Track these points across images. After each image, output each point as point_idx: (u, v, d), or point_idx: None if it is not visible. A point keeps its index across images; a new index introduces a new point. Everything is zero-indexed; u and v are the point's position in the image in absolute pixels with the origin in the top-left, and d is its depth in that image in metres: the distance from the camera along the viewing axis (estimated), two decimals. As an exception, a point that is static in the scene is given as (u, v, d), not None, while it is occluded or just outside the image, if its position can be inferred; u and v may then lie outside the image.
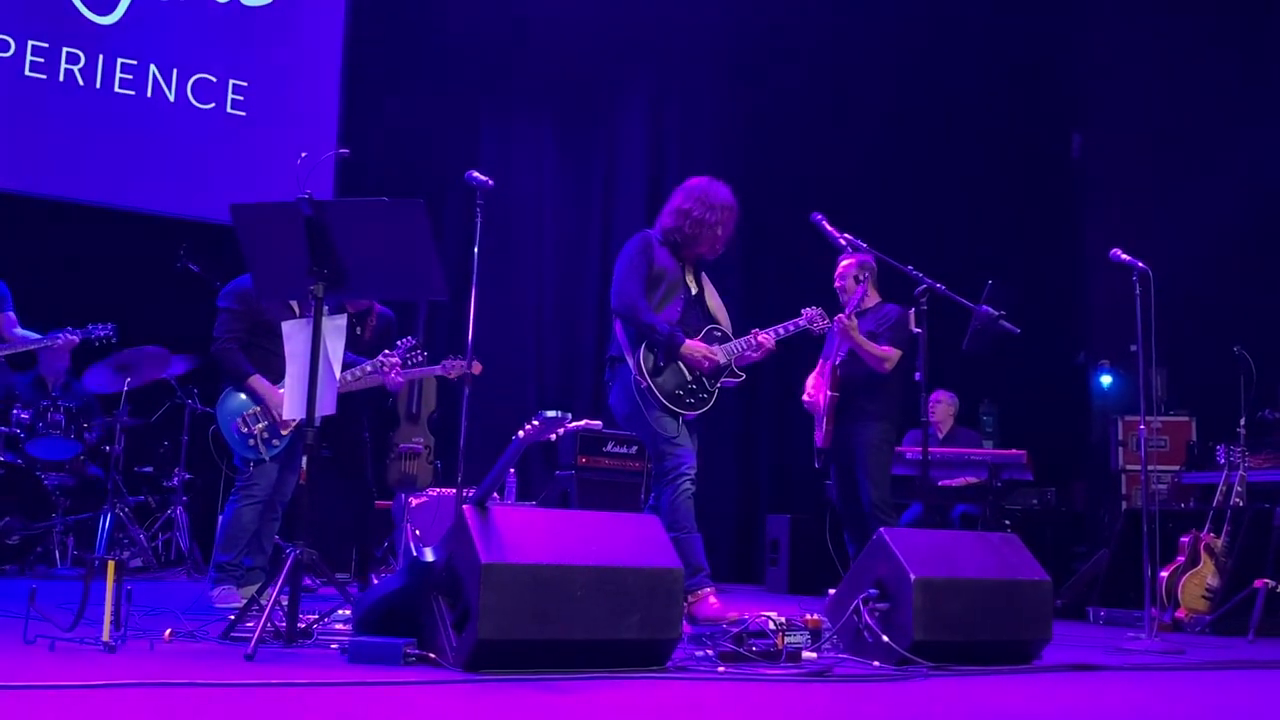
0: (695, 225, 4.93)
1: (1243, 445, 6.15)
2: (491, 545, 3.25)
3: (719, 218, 4.95)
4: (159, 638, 3.59)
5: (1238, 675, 4.16)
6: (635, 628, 3.38)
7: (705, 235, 4.95)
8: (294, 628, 3.62)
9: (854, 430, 5.75)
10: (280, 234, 3.87)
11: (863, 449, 5.70)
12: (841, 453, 5.82)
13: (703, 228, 4.93)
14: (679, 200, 5.01)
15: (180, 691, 2.77)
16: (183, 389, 7.25)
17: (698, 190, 4.99)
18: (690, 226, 4.94)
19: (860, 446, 5.71)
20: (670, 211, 5.01)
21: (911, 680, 3.50)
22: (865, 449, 5.69)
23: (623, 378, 4.92)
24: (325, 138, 8.51)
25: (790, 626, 3.82)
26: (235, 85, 8.55)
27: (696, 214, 4.93)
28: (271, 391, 5.02)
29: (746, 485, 9.69)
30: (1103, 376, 8.90)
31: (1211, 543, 5.98)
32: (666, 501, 4.77)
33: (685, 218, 4.95)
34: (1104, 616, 6.32)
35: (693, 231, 4.94)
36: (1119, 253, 5.13)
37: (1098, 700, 3.38)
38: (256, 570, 5.15)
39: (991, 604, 3.94)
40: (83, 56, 8.13)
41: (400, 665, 3.27)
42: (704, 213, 4.93)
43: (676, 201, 5.02)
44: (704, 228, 4.93)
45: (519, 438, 3.48)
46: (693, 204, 4.95)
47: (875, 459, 5.69)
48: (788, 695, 3.14)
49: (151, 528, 7.17)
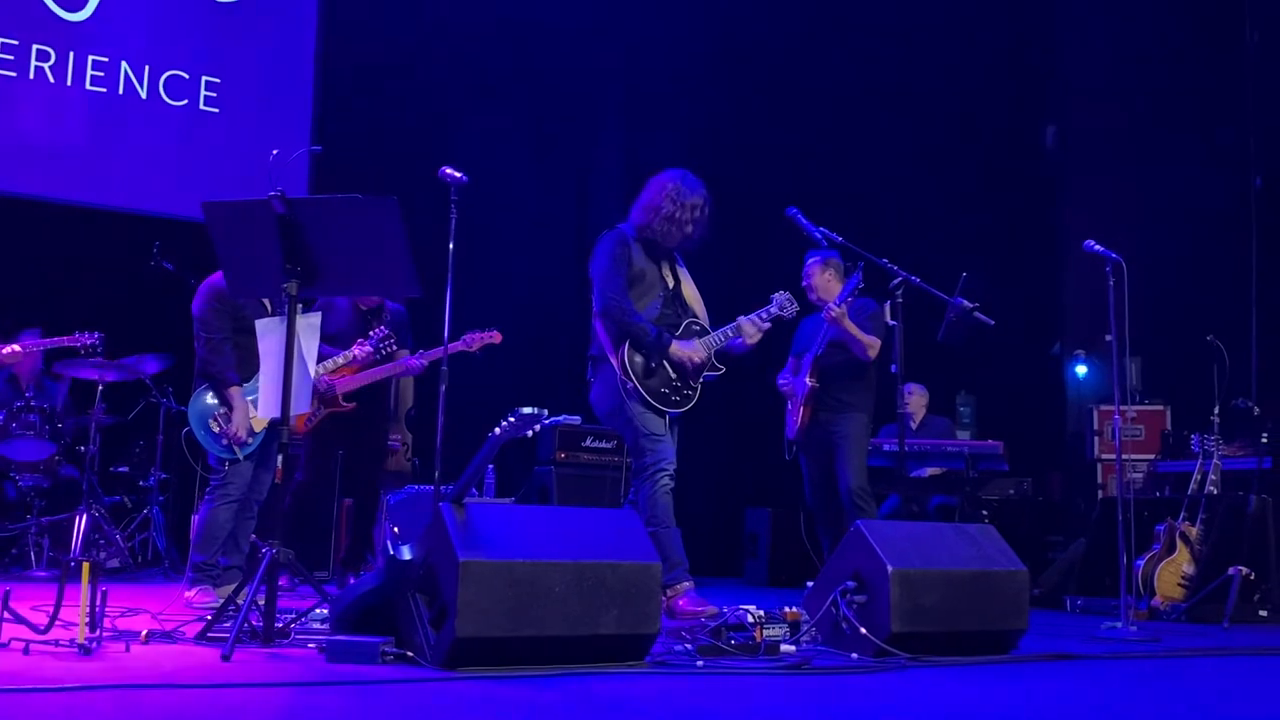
0: (667, 221, 4.91)
1: (1217, 434, 6.19)
2: (468, 542, 3.24)
3: (691, 214, 4.92)
4: (135, 639, 3.56)
5: (1213, 662, 4.19)
6: (614, 623, 3.38)
7: (678, 231, 4.93)
8: (271, 627, 3.61)
9: (833, 421, 5.76)
10: (253, 231, 3.85)
11: (843, 440, 5.71)
12: (817, 444, 5.83)
13: (673, 224, 4.91)
14: (650, 195, 4.97)
15: (156, 693, 2.76)
16: (158, 388, 7.19)
17: (670, 185, 4.95)
18: (661, 223, 4.91)
19: (841, 438, 5.72)
20: (642, 207, 4.98)
21: (889, 672, 3.51)
22: (846, 440, 5.71)
23: (604, 376, 4.91)
24: (299, 134, 8.46)
25: (769, 619, 3.83)
26: (208, 82, 8.49)
27: (668, 210, 4.91)
28: (241, 408, 5.00)
29: (725, 479, 9.70)
30: (1078, 366, 8.94)
31: (1187, 531, 6.03)
32: (645, 497, 4.78)
33: (657, 214, 4.92)
34: (1081, 605, 6.36)
35: (664, 228, 4.92)
36: (1093, 244, 5.16)
37: (1075, 689, 3.40)
38: (233, 570, 5.12)
39: (969, 595, 3.96)
40: (53, 54, 8.05)
41: (378, 664, 3.26)
42: (675, 209, 4.90)
43: (648, 197, 4.98)
44: (675, 224, 4.91)
45: (495, 435, 3.48)
46: (664, 200, 4.92)
47: (856, 449, 5.71)
48: (766, 688, 3.15)
49: (128, 528, 7.11)
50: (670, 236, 4.94)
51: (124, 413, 7.29)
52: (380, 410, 6.15)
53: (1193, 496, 6.13)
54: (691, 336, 4.97)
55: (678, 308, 5.03)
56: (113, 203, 8.12)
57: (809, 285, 5.96)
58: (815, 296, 5.95)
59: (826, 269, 5.93)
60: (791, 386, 5.90)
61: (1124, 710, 3.04)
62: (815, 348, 5.78)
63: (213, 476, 5.16)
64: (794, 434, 5.87)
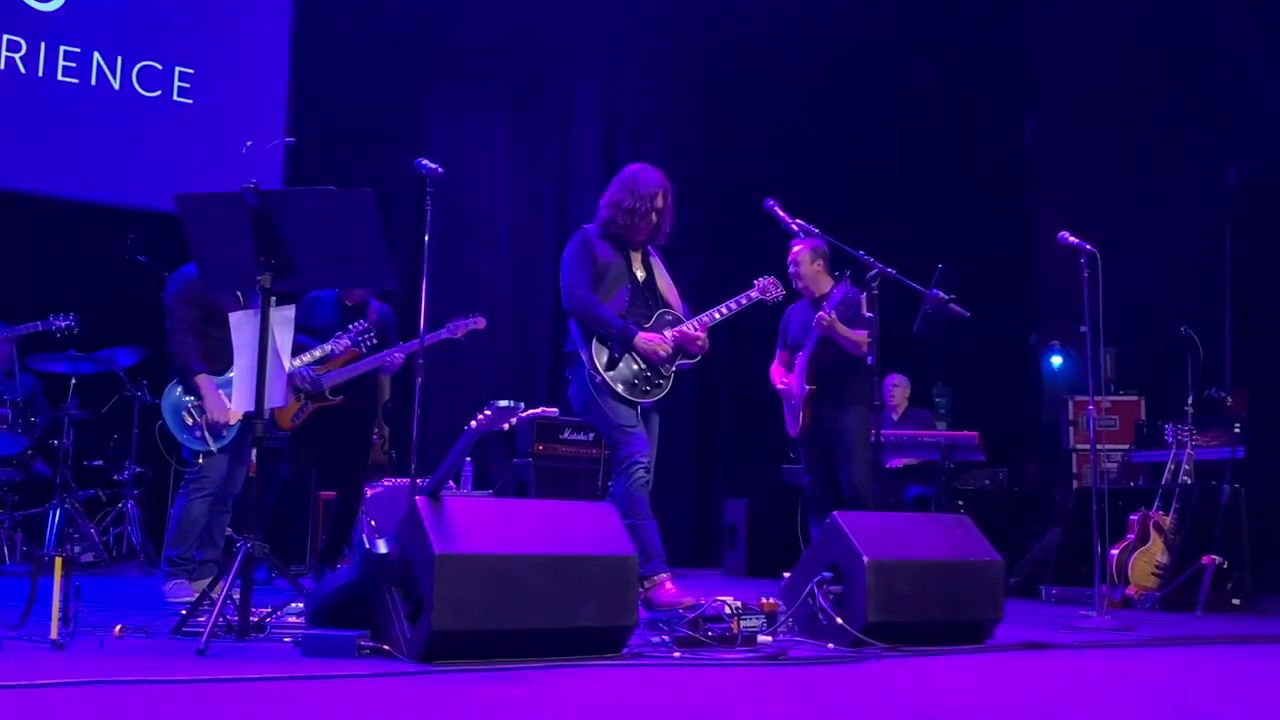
0: (628, 215, 4.95)
1: (1190, 424, 6.24)
2: (445, 536, 3.23)
3: (650, 204, 4.96)
4: (109, 634, 3.54)
5: (1186, 651, 4.23)
6: (591, 615, 3.39)
7: (640, 224, 4.97)
8: (246, 622, 3.59)
9: (836, 417, 5.72)
10: (226, 224, 3.82)
11: (847, 435, 5.69)
12: (819, 440, 5.82)
13: (635, 216, 4.95)
14: (612, 192, 5.04)
15: (131, 689, 2.74)
16: (132, 381, 7.15)
17: (628, 179, 5.01)
18: (623, 217, 4.96)
19: (844, 433, 5.69)
20: (604, 204, 5.04)
21: (865, 662, 3.53)
22: (849, 435, 5.69)
23: (579, 373, 4.93)
24: (273, 125, 8.40)
25: (746, 611, 3.83)
26: (181, 73, 8.43)
27: (627, 204, 4.95)
28: (213, 395, 4.97)
29: (703, 470, 9.72)
30: (1053, 358, 9.00)
31: (1160, 520, 6.07)
32: (621, 490, 4.79)
33: (617, 209, 4.97)
34: (1056, 594, 6.40)
35: (626, 221, 4.96)
36: (1068, 235, 5.18)
37: (1050, 678, 3.42)
38: (208, 564, 5.10)
39: (944, 584, 3.98)
40: (24, 44, 7.98)
41: (354, 658, 3.25)
42: (634, 201, 4.94)
43: (609, 193, 5.05)
44: (636, 216, 4.95)
45: (472, 427, 3.47)
46: (623, 194, 4.97)
47: (859, 445, 5.71)
48: (743, 679, 3.16)
49: (102, 522, 7.07)
50: (634, 229, 4.98)
51: (98, 406, 7.24)
52: (368, 405, 6.12)
53: (1166, 486, 6.18)
54: (665, 327, 4.99)
55: (649, 299, 5.04)
56: (85, 194, 8.05)
57: (796, 274, 5.93)
58: (802, 285, 5.93)
59: (816, 259, 5.89)
60: (789, 387, 5.88)
61: (1098, 698, 3.06)
62: (808, 348, 5.74)
63: (187, 470, 5.13)
64: (796, 432, 5.86)
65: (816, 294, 5.87)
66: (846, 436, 5.69)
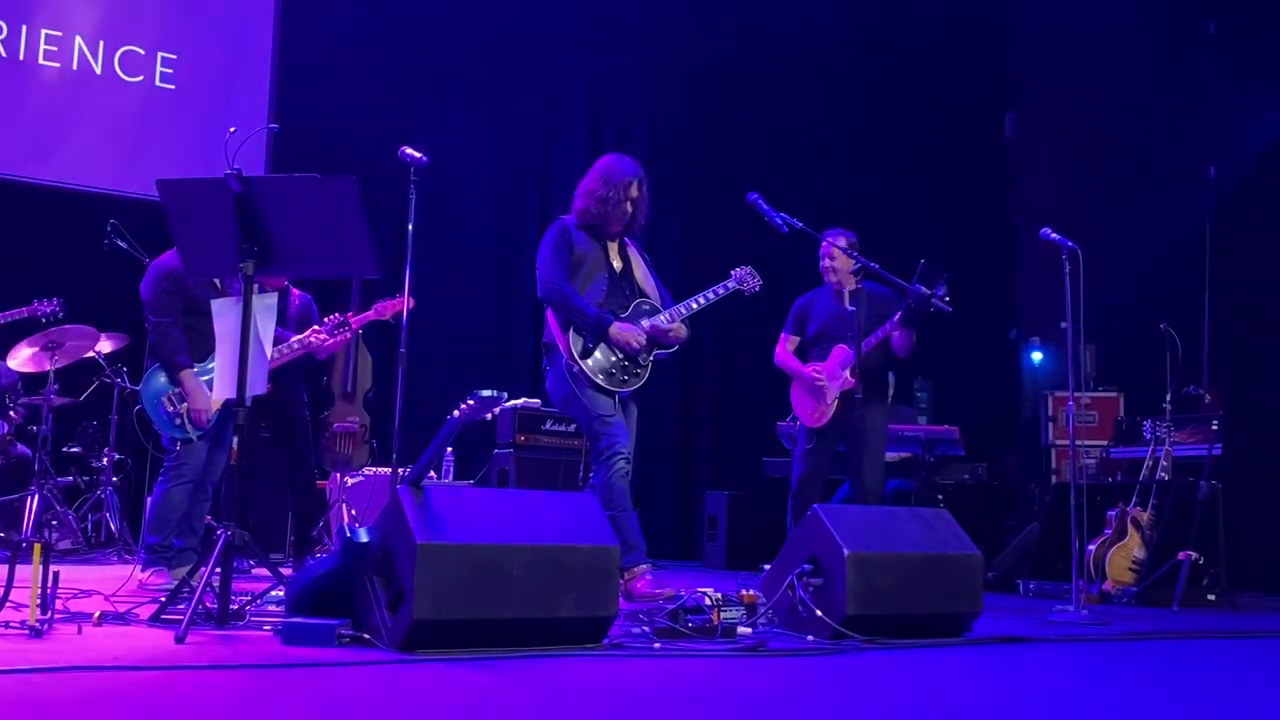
0: (601, 204, 4.98)
1: (1168, 421, 6.27)
2: (426, 525, 3.23)
3: (624, 193, 4.99)
4: (87, 621, 3.53)
5: (1162, 645, 4.26)
6: (572, 606, 3.39)
7: (614, 213, 5.00)
8: (226, 609, 3.58)
9: (865, 414, 5.67)
10: (209, 211, 3.80)
11: (875, 433, 5.74)
12: (838, 434, 5.85)
13: (609, 205, 4.98)
14: (587, 181, 5.09)
15: (109, 675, 2.73)
16: (111, 368, 7.11)
17: (603, 169, 5.05)
18: (598, 206, 4.99)
19: (873, 430, 5.73)
20: (581, 194, 5.07)
21: (844, 654, 3.55)
22: (877, 433, 5.77)
23: (557, 363, 4.95)
24: (256, 112, 8.36)
25: (726, 602, 3.85)
26: (164, 58, 8.38)
27: (601, 193, 4.98)
28: (199, 392, 4.94)
29: (685, 461, 9.72)
30: (1033, 353, 9.03)
31: (1138, 516, 6.11)
32: (601, 481, 4.80)
33: (592, 198, 5.01)
34: (1034, 589, 6.44)
35: (600, 210, 4.99)
36: (1049, 231, 5.20)
37: (1027, 671, 3.44)
38: (188, 551, 5.08)
39: (923, 578, 4.00)
40: (5, 27, 7.91)
41: (334, 646, 3.25)
42: (608, 191, 4.98)
43: (585, 183, 5.09)
44: (610, 205, 4.98)
45: (454, 417, 3.47)
46: (598, 184, 5.01)
47: (883, 442, 5.81)
48: (723, 670, 3.17)
49: (80, 509, 7.03)
50: (610, 218, 5.00)
51: (77, 393, 7.20)
52: (300, 391, 5.99)
53: (1144, 482, 6.21)
54: (642, 317, 5.00)
55: (626, 289, 5.06)
56: (66, 180, 8.00)
57: (831, 267, 5.94)
58: (836, 279, 5.94)
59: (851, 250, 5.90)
60: (823, 376, 5.85)
61: (1075, 692, 3.08)
62: (865, 344, 5.55)
63: (166, 458, 5.11)
64: (816, 422, 5.84)
65: (847, 288, 5.86)
66: (875, 434, 5.74)
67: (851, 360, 5.67)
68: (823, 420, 5.83)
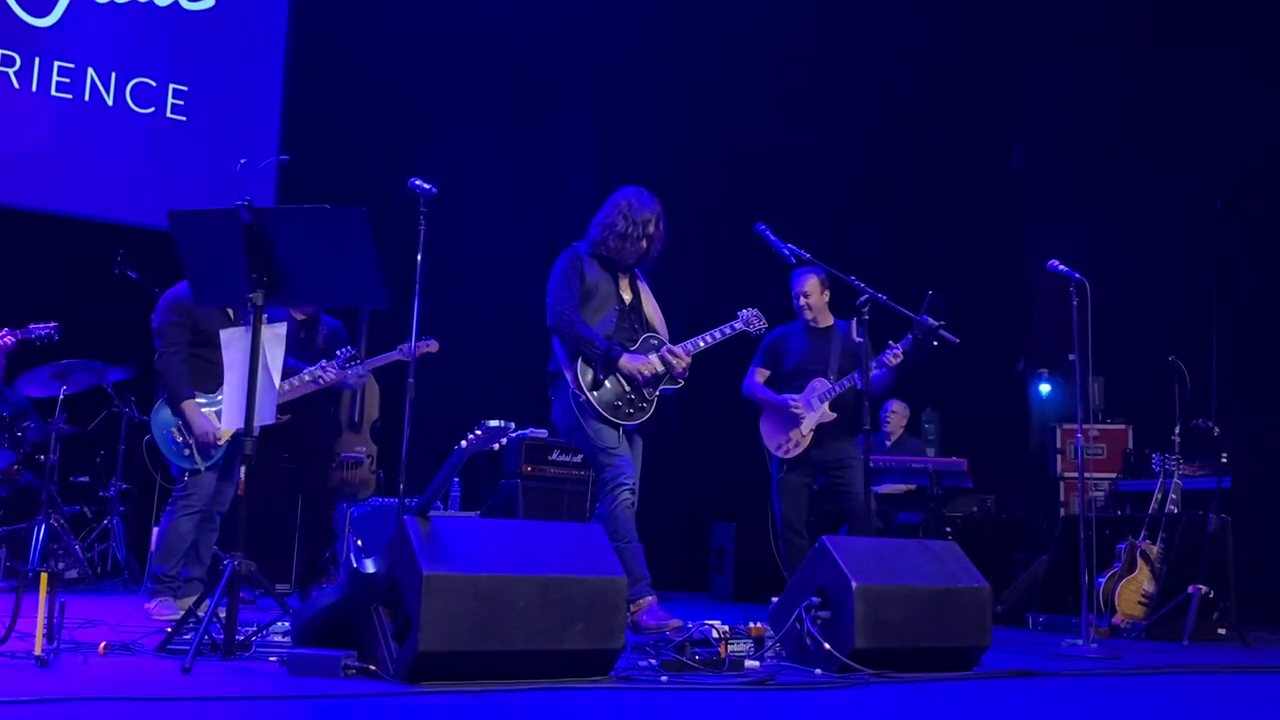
0: (619, 239, 4.97)
1: (1177, 453, 6.25)
2: (433, 556, 3.23)
3: (642, 230, 4.98)
4: (93, 651, 3.52)
5: (1173, 680, 4.23)
6: (579, 638, 3.37)
7: (630, 248, 4.99)
8: (232, 640, 3.57)
9: (839, 446, 5.85)
10: (219, 241, 3.83)
11: (856, 461, 5.74)
12: (813, 466, 5.91)
13: (626, 240, 4.97)
14: (605, 213, 5.07)
15: (115, 706, 2.72)
16: (120, 397, 7.12)
17: (622, 203, 5.03)
18: (615, 240, 4.98)
19: (854, 459, 5.75)
20: (596, 225, 5.06)
21: (852, 688, 3.52)
22: (858, 463, 5.75)
23: (563, 392, 4.94)
24: (267, 143, 8.41)
25: (734, 635, 3.83)
26: (175, 89, 8.44)
27: (620, 227, 4.97)
28: (199, 419, 4.95)
29: (692, 492, 9.70)
30: (1041, 385, 9.01)
31: (1147, 549, 6.08)
32: (606, 511, 4.79)
33: (610, 231, 4.99)
34: (1043, 622, 6.40)
35: (617, 244, 4.98)
36: (1056, 263, 5.21)
37: (1036, 706, 3.41)
38: (194, 581, 5.07)
39: (932, 611, 3.98)
40: (18, 59, 7.98)
41: (340, 677, 3.23)
42: (627, 226, 4.97)
43: (603, 214, 5.07)
44: (628, 240, 4.97)
45: (461, 447, 3.47)
46: (616, 217, 4.99)
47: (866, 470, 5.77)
48: (731, 704, 3.15)
49: (87, 538, 7.03)
50: (625, 252, 4.99)
51: (85, 422, 7.21)
52: (318, 424, 6.01)
53: (1153, 515, 6.19)
54: (649, 351, 5.00)
55: (635, 322, 5.07)
56: (77, 210, 8.04)
57: (806, 304, 5.98)
58: (811, 315, 5.98)
59: (825, 289, 5.98)
60: (800, 407, 5.88)
61: (1084, 727, 3.05)
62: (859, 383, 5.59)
63: (174, 487, 5.11)
64: (789, 453, 5.88)
65: (823, 324, 5.94)
66: (854, 467, 5.73)
67: (830, 394, 5.82)
68: (794, 452, 5.86)
